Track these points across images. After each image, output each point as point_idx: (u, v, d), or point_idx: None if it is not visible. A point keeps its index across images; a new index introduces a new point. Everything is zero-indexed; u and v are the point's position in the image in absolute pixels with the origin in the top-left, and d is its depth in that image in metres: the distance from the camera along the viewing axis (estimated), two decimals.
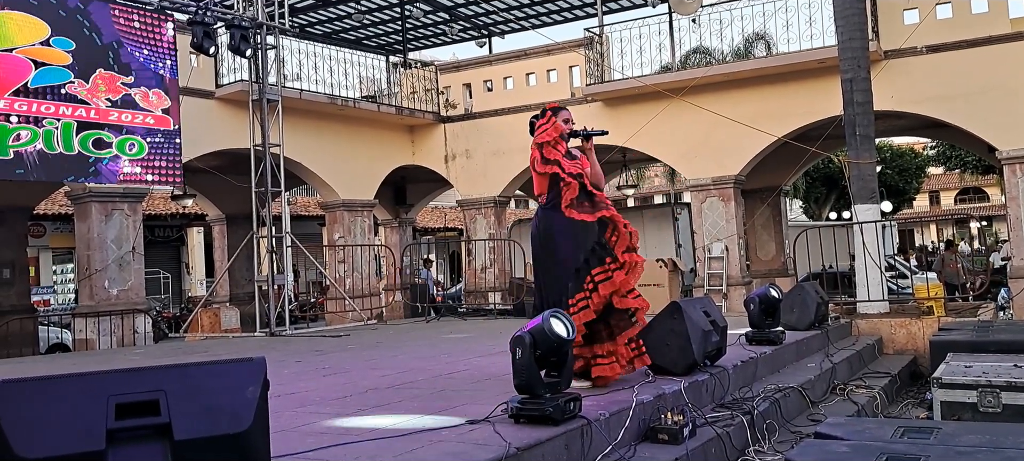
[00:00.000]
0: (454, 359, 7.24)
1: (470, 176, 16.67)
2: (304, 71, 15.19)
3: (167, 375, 2.67)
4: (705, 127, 13.99)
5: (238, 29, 11.95)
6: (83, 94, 10.56)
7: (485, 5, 17.86)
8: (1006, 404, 5.24)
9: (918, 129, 16.67)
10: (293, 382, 6.21)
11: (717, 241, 14.33)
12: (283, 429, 4.14)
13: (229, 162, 14.62)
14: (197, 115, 12.76)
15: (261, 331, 12.37)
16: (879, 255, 10.44)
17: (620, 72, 14.89)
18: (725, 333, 6.07)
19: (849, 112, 10.80)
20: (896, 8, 13.03)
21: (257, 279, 12.65)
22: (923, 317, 9.52)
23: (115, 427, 2.55)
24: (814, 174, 29.99)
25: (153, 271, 22.00)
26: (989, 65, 12.32)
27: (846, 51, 10.86)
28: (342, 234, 15.73)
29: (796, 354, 7.53)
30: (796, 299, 8.48)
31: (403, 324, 14.06)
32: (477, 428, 4.04)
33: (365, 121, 15.96)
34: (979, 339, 7.02)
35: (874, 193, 10.78)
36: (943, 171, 40.31)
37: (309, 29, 18.24)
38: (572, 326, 4.22)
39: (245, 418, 2.63)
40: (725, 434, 4.77)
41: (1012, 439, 3.41)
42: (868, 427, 3.75)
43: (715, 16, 14.48)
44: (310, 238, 22.96)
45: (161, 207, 23.01)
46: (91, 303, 11.73)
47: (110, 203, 11.84)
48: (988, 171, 29.07)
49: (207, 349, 10.16)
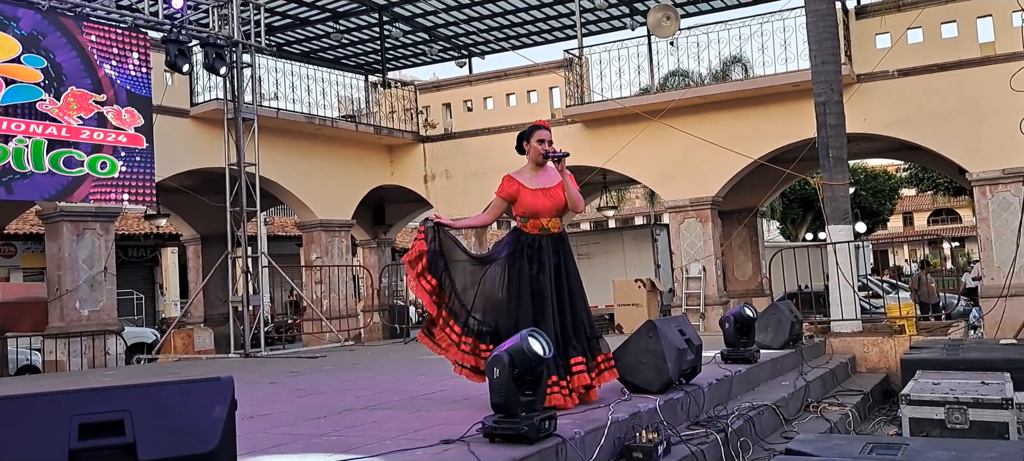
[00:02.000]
0: (431, 380, 7.19)
1: (450, 196, 16.66)
2: (281, 90, 15.16)
3: (132, 395, 2.63)
4: (683, 149, 14.11)
5: (213, 47, 11.89)
6: (55, 112, 10.45)
7: (465, 26, 17.96)
8: (973, 420, 5.29)
9: (891, 151, 16.91)
10: (266, 403, 6.14)
11: (695, 261, 14.42)
12: (252, 454, 4.08)
13: (204, 181, 14.52)
14: (172, 134, 12.67)
15: (236, 352, 12.23)
16: (852, 275, 10.54)
17: (599, 94, 15.00)
18: (700, 352, 6.10)
19: (822, 135, 10.93)
20: (869, 32, 13.26)
21: (232, 300, 12.53)
22: (895, 336, 9.61)
23: (78, 447, 2.51)
24: (791, 195, 30.29)
25: (127, 292, 21.73)
26: (959, 89, 12.56)
27: (819, 75, 11.01)
28: (319, 254, 15.65)
29: (770, 372, 7.57)
30: (771, 318, 8.54)
31: (381, 345, 13.98)
32: (451, 448, 4.01)
33: (343, 140, 15.92)
34: (949, 357, 7.09)
35: (847, 214, 10.90)
36: (916, 192, 40.88)
37: (287, 48, 18.23)
38: (549, 345, 4.22)
39: (212, 438, 2.60)
40: (699, 452, 4.78)
41: (978, 455, 3.45)
42: (838, 444, 3.78)
43: (693, 39, 14.67)
44: (288, 258, 22.81)
45: (135, 227, 22.78)
46: (62, 324, 11.57)
47: (82, 223, 11.71)
48: (960, 192, 29.50)
49: (179, 370, 10.02)
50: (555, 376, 4.73)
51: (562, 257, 5.05)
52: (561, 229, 5.14)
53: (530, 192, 5.00)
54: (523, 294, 4.89)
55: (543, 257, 4.95)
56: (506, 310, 4.89)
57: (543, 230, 5.00)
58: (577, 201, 5.15)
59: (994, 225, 12.40)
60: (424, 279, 4.98)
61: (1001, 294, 10.73)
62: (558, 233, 5.09)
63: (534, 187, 5.03)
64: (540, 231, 4.99)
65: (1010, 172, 12.01)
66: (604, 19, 17.71)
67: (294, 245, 23.98)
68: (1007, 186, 12.26)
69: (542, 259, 4.94)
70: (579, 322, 5.05)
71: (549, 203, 5.02)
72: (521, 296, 4.88)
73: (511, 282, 4.91)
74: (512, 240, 5.03)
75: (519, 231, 5.02)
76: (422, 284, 4.99)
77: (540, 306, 4.88)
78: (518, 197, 4.99)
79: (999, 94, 11.05)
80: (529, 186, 5.02)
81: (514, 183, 5.03)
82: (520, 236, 5.00)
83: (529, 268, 4.92)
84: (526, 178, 5.07)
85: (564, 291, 4.99)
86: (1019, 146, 11.24)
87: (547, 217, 5.02)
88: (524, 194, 4.98)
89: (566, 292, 5.01)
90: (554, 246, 5.03)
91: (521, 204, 4.99)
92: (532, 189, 5.02)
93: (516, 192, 5.00)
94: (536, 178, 5.08)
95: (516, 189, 5.01)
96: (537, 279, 4.91)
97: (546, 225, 5.01)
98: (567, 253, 5.12)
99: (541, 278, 4.92)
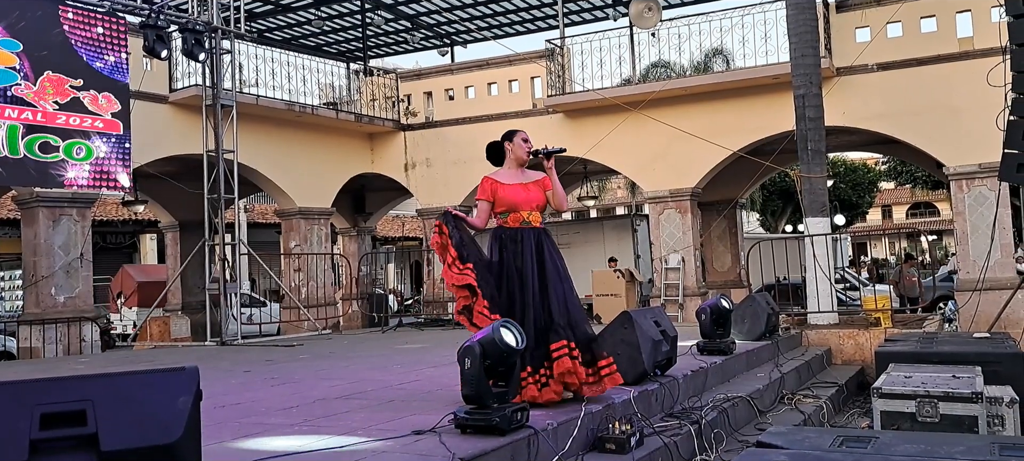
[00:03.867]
0: (406, 370, 7.19)
1: (430, 185, 16.61)
2: (262, 77, 15.02)
3: (95, 385, 2.61)
4: (663, 140, 14.13)
5: (192, 33, 11.76)
6: (30, 97, 10.31)
7: (447, 14, 17.87)
8: (944, 414, 5.35)
9: (869, 145, 17.02)
10: (240, 392, 6.11)
11: (674, 252, 14.47)
12: (220, 443, 4.06)
13: (182, 168, 14.39)
14: (150, 119, 12.54)
15: (212, 340, 12.16)
16: (829, 267, 10.62)
17: (581, 84, 14.98)
18: (675, 343, 6.13)
19: (801, 127, 10.99)
20: (848, 26, 13.31)
21: (209, 287, 12.44)
22: (871, 328, 9.70)
23: (39, 437, 2.49)
24: (771, 187, 30.48)
25: (105, 278, 21.51)
26: (937, 83, 12.64)
27: (798, 67, 11.06)
28: (298, 242, 15.56)
29: (746, 364, 7.63)
30: (747, 310, 8.60)
31: (358, 334, 13.94)
32: (422, 439, 4.01)
33: (323, 128, 15.82)
34: (923, 350, 7.16)
35: (825, 207, 10.98)
36: (895, 186, 41.27)
37: (268, 34, 18.06)
38: (522, 336, 4.21)
39: (175, 429, 2.58)
40: (672, 443, 4.81)
41: (946, 448, 3.48)
42: (808, 437, 3.80)
43: (674, 31, 14.65)
44: (268, 246, 22.65)
45: (113, 213, 22.53)
46: (37, 310, 11.45)
47: (58, 208, 11.58)
48: (938, 186, 29.84)
49: (154, 358, 9.95)
50: (529, 367, 4.72)
51: (546, 249, 5.01)
52: (542, 224, 5.12)
53: (507, 187, 5.01)
54: (503, 286, 4.87)
55: (524, 249, 4.93)
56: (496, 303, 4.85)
57: (524, 223, 4.98)
58: (561, 200, 5.18)
59: (970, 219, 12.52)
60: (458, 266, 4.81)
61: (976, 288, 10.85)
62: (540, 227, 5.08)
63: (511, 182, 5.04)
64: (521, 225, 4.98)
65: (986, 167, 12.10)
66: (586, 9, 17.68)
67: (274, 233, 23.82)
68: (983, 181, 12.36)
69: (523, 251, 4.92)
70: (563, 311, 4.93)
71: (527, 195, 5.02)
72: (501, 288, 4.86)
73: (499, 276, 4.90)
74: (492, 237, 5.03)
75: (500, 228, 5.03)
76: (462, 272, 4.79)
77: (521, 297, 4.85)
78: (496, 194, 5.00)
79: (977, 89, 11.11)
80: (506, 182, 5.04)
81: (490, 181, 5.05)
82: (501, 232, 5.00)
83: (512, 260, 4.91)
84: (503, 176, 5.09)
85: (546, 282, 4.96)
86: (995, 141, 11.27)
87: (527, 210, 5.00)
88: (501, 190, 5.00)
89: (549, 283, 4.95)
90: (536, 239, 5.01)
91: (501, 200, 5.00)
92: (509, 184, 5.03)
93: (492, 188, 5.01)
94: (513, 175, 5.09)
95: (492, 185, 5.02)
96: (520, 271, 4.89)
97: (527, 218, 5.00)
98: (551, 246, 5.09)
99: (523, 269, 4.89)
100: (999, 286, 11.24)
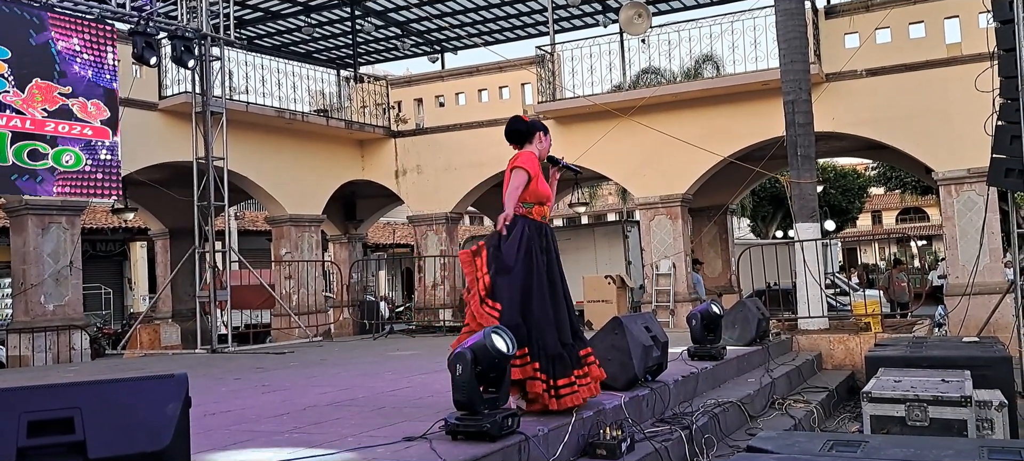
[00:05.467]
0: (397, 377, 7.17)
1: (421, 192, 16.60)
2: (252, 84, 14.99)
3: (83, 392, 2.60)
4: (654, 146, 14.17)
5: (181, 40, 11.73)
6: (19, 104, 10.26)
7: (438, 21, 17.89)
8: (933, 418, 5.37)
9: (859, 150, 17.10)
10: (229, 400, 6.08)
11: (665, 258, 14.49)
12: (209, 450, 4.04)
13: (172, 175, 14.34)
14: (139, 127, 12.50)
15: (202, 348, 12.10)
16: (819, 273, 10.65)
17: (571, 90, 15.01)
18: (666, 348, 6.13)
19: (791, 133, 11.04)
20: (837, 32, 13.39)
21: (199, 295, 12.39)
22: (861, 333, 9.73)
23: (26, 445, 2.47)
24: (761, 193, 30.57)
25: (95, 286, 21.40)
26: (926, 88, 12.72)
27: (788, 74, 11.11)
28: (289, 249, 15.52)
29: (737, 369, 7.64)
30: (738, 315, 8.62)
31: (350, 341, 13.89)
32: (413, 445, 4.00)
33: (314, 135, 15.80)
34: (912, 354, 7.19)
35: (815, 212, 11.02)
36: (884, 191, 41.45)
37: (258, 41, 18.04)
38: (513, 342, 4.20)
39: (164, 436, 2.57)
40: (663, 449, 4.81)
41: (935, 452, 3.49)
42: (798, 441, 3.81)
43: (664, 37, 14.70)
44: (259, 253, 22.57)
45: (103, 220, 22.43)
46: (26, 319, 11.39)
47: (47, 216, 11.52)
48: (927, 191, 29.95)
49: (143, 366, 9.89)
50: (575, 370, 4.68)
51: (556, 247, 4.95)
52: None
53: (541, 179, 4.82)
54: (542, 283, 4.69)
55: (550, 245, 4.82)
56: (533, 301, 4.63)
57: (544, 218, 4.86)
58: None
59: (959, 224, 12.59)
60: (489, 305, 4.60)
61: (965, 292, 10.89)
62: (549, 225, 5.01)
63: (540, 174, 4.85)
64: (543, 219, 4.84)
65: (975, 172, 12.18)
66: (576, 16, 17.73)
67: (264, 240, 23.74)
68: (972, 186, 12.43)
69: (549, 247, 4.81)
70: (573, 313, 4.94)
71: (549, 192, 4.90)
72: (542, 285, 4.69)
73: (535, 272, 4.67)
74: (523, 228, 4.70)
75: (525, 219, 4.73)
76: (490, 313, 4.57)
77: (553, 296, 4.73)
78: (536, 179, 4.75)
79: (965, 94, 11.17)
80: (538, 172, 4.82)
81: (536, 161, 4.77)
82: (528, 225, 4.72)
83: (541, 255, 4.74)
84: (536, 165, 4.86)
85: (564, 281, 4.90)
86: (984, 146, 11.34)
87: (549, 206, 4.94)
88: (537, 180, 4.77)
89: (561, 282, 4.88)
90: (552, 236, 4.93)
91: (533, 190, 4.74)
92: (540, 176, 4.83)
93: (535, 172, 4.75)
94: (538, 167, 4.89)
95: (536, 168, 4.76)
96: (549, 268, 4.77)
97: (547, 214, 4.91)
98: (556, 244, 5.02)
99: (552, 267, 4.79)
100: (988, 290, 11.29)
